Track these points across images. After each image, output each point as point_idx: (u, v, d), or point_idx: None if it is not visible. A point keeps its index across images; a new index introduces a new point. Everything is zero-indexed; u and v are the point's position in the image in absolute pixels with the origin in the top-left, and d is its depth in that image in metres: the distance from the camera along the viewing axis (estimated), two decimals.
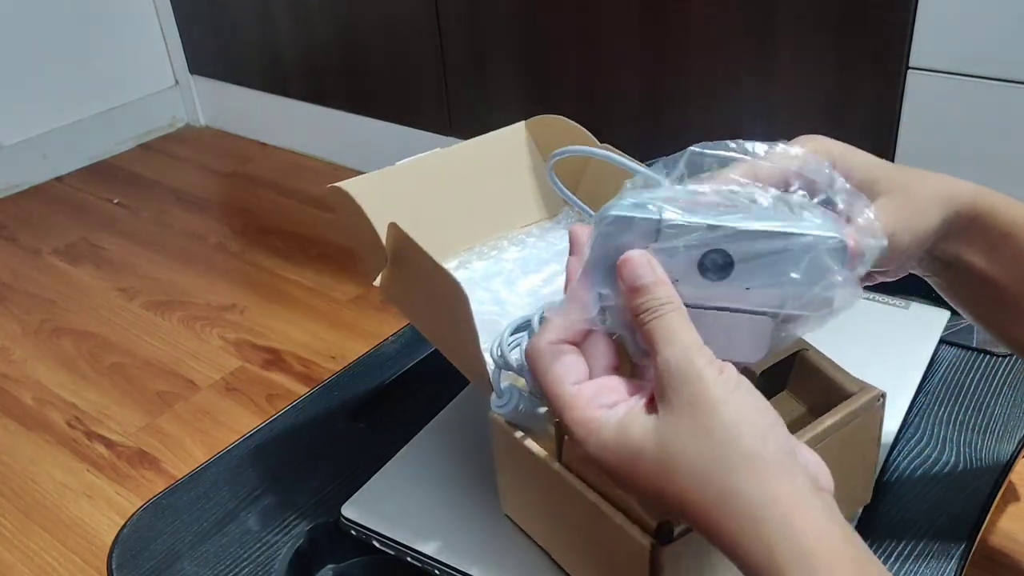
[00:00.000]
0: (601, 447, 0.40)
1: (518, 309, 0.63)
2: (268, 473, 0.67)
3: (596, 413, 0.41)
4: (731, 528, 0.37)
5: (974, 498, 0.60)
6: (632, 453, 0.39)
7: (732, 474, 0.37)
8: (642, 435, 0.39)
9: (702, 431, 0.38)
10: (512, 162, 0.72)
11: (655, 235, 0.42)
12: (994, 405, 0.68)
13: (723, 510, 0.37)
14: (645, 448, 0.39)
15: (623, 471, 0.40)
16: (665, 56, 1.46)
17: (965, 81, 1.17)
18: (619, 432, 0.40)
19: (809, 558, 0.35)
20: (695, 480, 0.38)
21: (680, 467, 0.38)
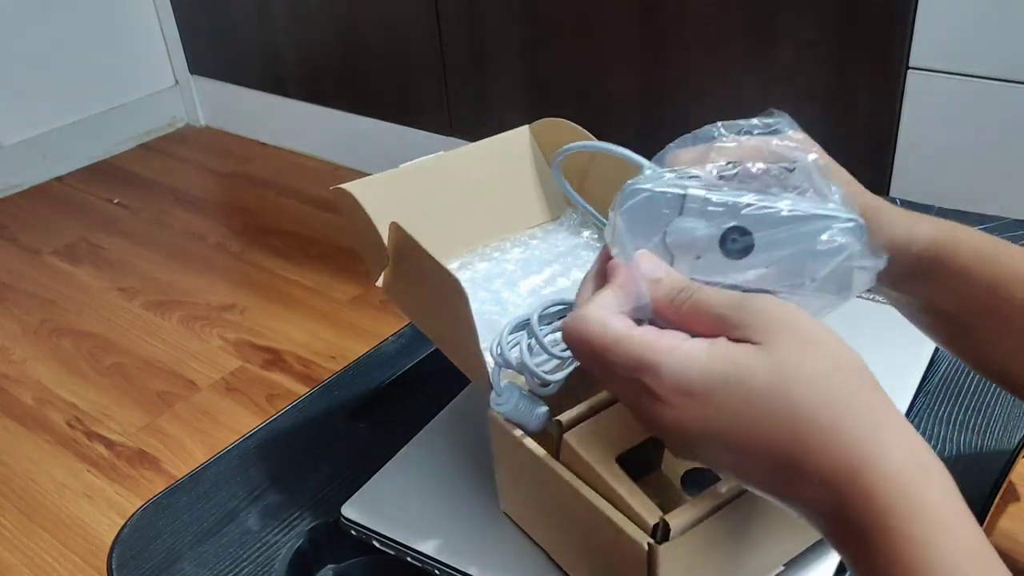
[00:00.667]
0: (700, 369, 0.37)
1: (519, 309, 0.63)
2: (268, 473, 0.67)
3: (674, 340, 0.38)
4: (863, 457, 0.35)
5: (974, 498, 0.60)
6: (737, 371, 0.36)
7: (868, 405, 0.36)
8: (749, 357, 0.36)
9: (831, 359, 0.36)
10: (516, 165, 0.72)
11: (679, 210, 0.42)
12: (994, 405, 0.68)
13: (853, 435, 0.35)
14: (758, 372, 0.36)
15: (723, 391, 0.36)
16: (665, 56, 1.46)
17: (965, 81, 1.17)
18: (717, 355, 0.37)
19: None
20: (817, 401, 0.35)
21: (801, 387, 0.36)
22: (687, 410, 0.37)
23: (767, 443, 0.36)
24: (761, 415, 0.36)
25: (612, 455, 0.48)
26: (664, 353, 0.37)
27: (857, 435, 0.35)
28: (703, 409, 0.37)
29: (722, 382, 0.37)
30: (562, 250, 0.69)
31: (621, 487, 0.47)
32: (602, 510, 0.47)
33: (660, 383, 0.37)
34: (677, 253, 0.43)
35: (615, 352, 0.39)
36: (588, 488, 0.48)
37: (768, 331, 0.37)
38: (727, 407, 0.37)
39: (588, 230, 0.70)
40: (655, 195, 0.43)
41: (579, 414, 0.51)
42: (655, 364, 0.38)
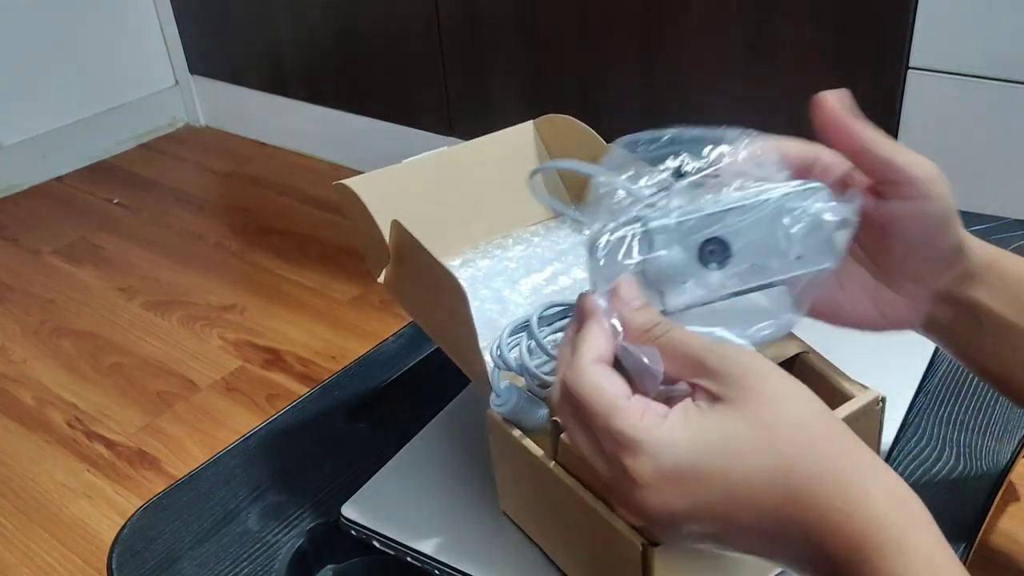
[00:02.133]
0: (682, 446, 0.36)
1: (520, 308, 0.63)
2: (268, 473, 0.67)
3: (654, 420, 0.37)
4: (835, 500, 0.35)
5: (974, 498, 0.60)
6: (720, 437, 0.36)
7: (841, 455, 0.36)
8: (727, 419, 0.37)
9: (794, 402, 0.37)
10: (519, 161, 0.72)
11: (649, 246, 0.42)
12: (994, 405, 0.68)
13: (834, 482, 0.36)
14: (739, 433, 0.36)
15: (708, 463, 0.36)
16: (665, 57, 1.46)
17: (965, 81, 1.17)
18: (694, 426, 0.37)
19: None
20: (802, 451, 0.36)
21: (785, 437, 0.36)
22: (672, 491, 0.37)
23: (759, 500, 0.36)
24: (752, 471, 0.36)
25: None
26: (645, 431, 0.37)
27: (841, 481, 0.36)
28: (691, 484, 0.37)
29: (706, 452, 0.36)
30: (564, 248, 0.69)
31: None
32: (598, 511, 0.47)
33: (641, 468, 0.37)
34: (664, 288, 0.42)
35: (604, 425, 0.38)
36: (585, 489, 0.48)
37: (744, 382, 0.37)
38: (716, 475, 0.36)
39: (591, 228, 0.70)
40: (619, 240, 0.42)
41: None
42: (636, 445, 0.37)
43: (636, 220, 0.42)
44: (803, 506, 0.36)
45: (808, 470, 0.36)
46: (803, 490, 0.36)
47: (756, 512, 0.36)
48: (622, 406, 0.37)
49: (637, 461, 0.37)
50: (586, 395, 0.38)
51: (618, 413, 0.37)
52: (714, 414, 0.37)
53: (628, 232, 0.42)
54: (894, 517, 0.35)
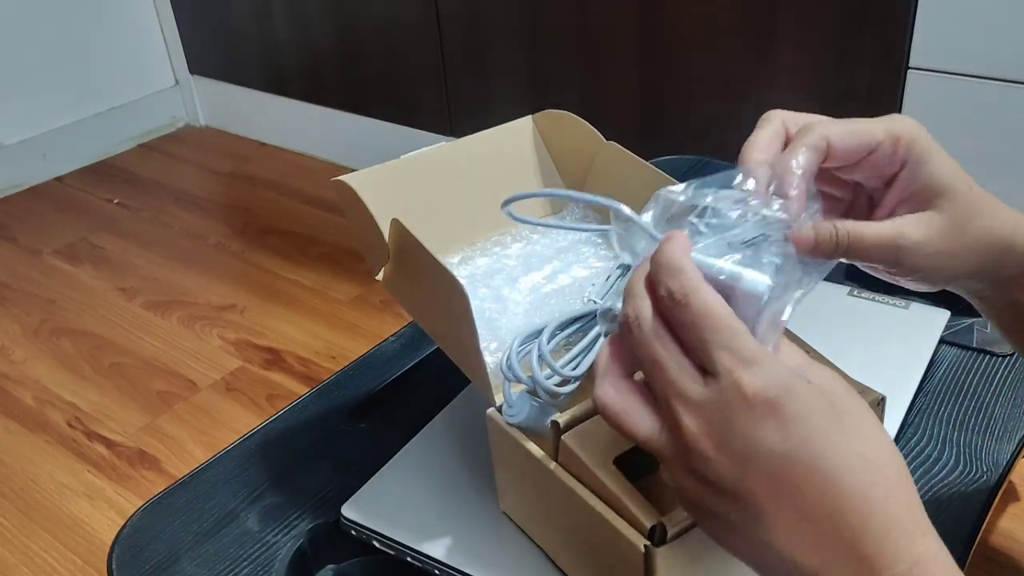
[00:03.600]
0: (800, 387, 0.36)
1: (519, 306, 0.63)
2: (268, 473, 0.67)
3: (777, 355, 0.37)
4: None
5: (974, 498, 0.60)
6: (839, 407, 0.36)
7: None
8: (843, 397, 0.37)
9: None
10: (518, 157, 0.72)
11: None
12: (994, 405, 0.68)
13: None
14: (849, 410, 0.37)
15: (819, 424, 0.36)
16: (665, 58, 1.46)
17: (965, 81, 1.17)
18: (817, 389, 0.37)
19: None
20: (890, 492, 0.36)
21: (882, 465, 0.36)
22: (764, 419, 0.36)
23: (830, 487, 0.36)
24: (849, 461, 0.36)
25: (610, 457, 0.48)
26: (767, 355, 0.37)
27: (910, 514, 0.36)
28: (787, 423, 0.36)
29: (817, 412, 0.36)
30: (563, 246, 0.69)
31: (619, 489, 0.47)
32: (599, 512, 0.47)
33: (752, 380, 0.36)
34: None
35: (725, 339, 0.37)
36: (586, 490, 0.48)
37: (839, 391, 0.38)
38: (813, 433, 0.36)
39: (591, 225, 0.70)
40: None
41: (577, 415, 0.51)
42: (756, 360, 0.36)
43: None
44: (858, 541, 0.35)
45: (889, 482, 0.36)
46: (870, 527, 0.35)
47: (815, 497, 0.35)
48: (743, 328, 0.37)
49: (752, 373, 0.36)
50: (707, 305, 0.37)
51: (741, 332, 0.37)
52: (821, 392, 0.37)
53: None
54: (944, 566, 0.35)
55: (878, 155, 0.48)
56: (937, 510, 0.59)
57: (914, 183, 0.48)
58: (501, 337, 0.60)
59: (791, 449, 0.36)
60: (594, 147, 0.70)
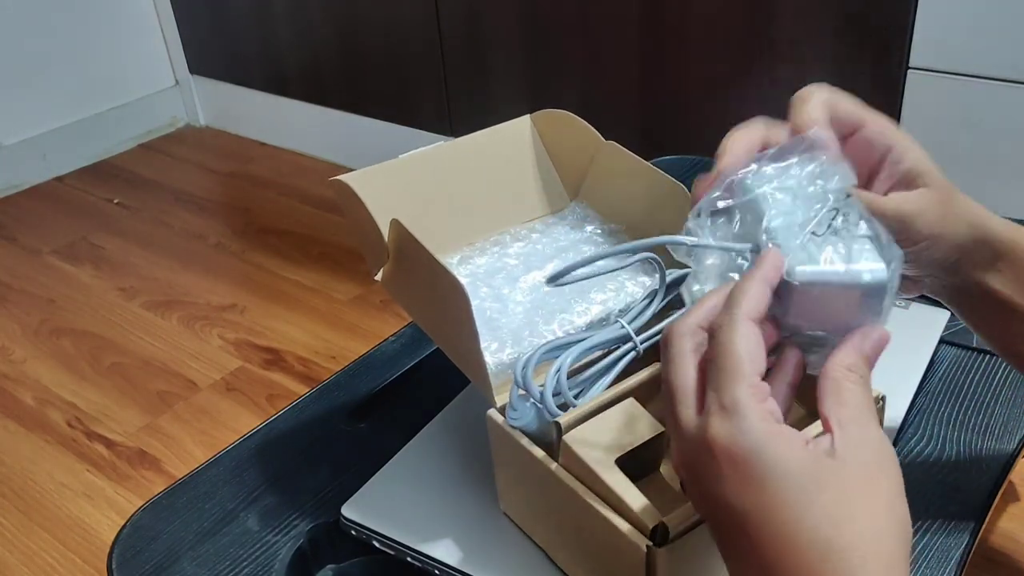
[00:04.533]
0: (772, 457, 0.36)
1: (519, 306, 0.63)
2: (268, 473, 0.67)
3: (771, 413, 0.37)
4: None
5: (974, 498, 0.60)
6: (813, 487, 0.36)
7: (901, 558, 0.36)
8: (827, 475, 0.36)
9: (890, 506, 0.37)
10: (517, 156, 0.72)
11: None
12: (994, 405, 0.68)
13: None
14: (827, 489, 0.36)
15: (779, 493, 0.36)
16: (665, 58, 1.46)
17: (965, 81, 1.17)
18: (801, 459, 0.36)
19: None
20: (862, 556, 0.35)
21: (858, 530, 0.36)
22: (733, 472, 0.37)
23: (786, 556, 0.36)
24: (802, 530, 0.35)
25: (611, 457, 0.48)
26: (755, 412, 0.37)
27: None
28: (746, 483, 0.36)
29: (787, 478, 0.36)
30: (563, 244, 0.69)
31: (620, 489, 0.47)
32: (601, 512, 0.47)
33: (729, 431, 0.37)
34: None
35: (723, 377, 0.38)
36: (587, 490, 0.48)
37: (863, 460, 0.37)
38: (776, 502, 0.36)
39: (591, 224, 0.70)
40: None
41: (578, 416, 0.51)
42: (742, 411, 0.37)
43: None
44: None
45: (847, 568, 0.35)
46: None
47: (774, 552, 0.36)
48: (745, 372, 0.37)
49: (723, 421, 0.37)
50: (725, 343, 0.38)
51: (739, 376, 0.37)
52: (817, 457, 0.37)
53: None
54: None
55: (869, 132, 0.50)
56: (937, 510, 0.59)
57: (900, 166, 0.50)
58: (501, 337, 0.59)
59: (750, 508, 0.36)
60: (593, 147, 0.70)
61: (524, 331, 0.60)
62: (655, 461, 0.54)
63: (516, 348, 0.58)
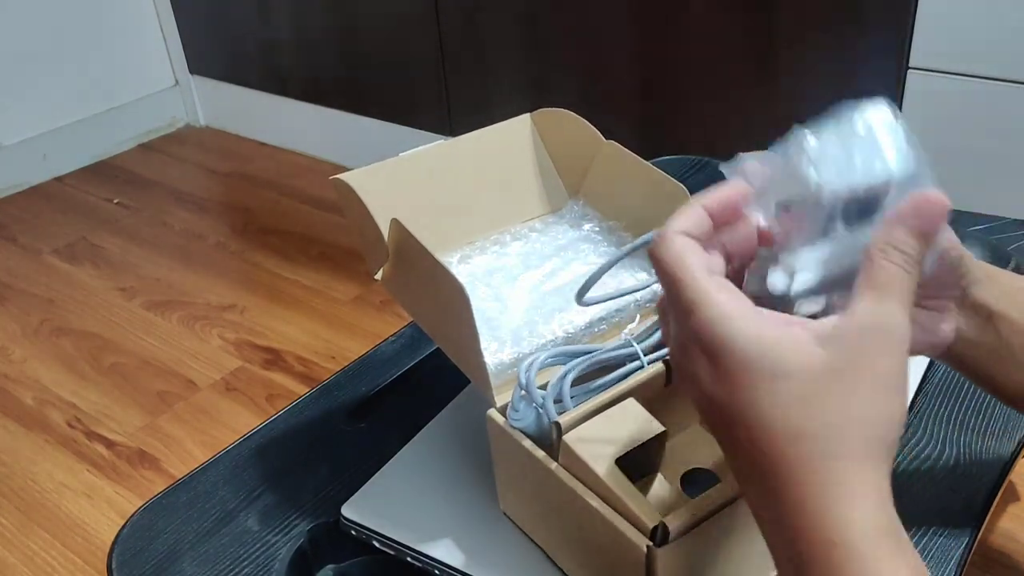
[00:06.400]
0: (735, 345, 0.36)
1: (519, 305, 0.63)
2: (268, 473, 0.67)
3: (730, 300, 0.37)
4: (824, 491, 0.35)
5: (974, 498, 0.60)
6: (777, 372, 0.36)
7: (864, 450, 0.36)
8: (798, 363, 0.36)
9: (868, 402, 0.36)
10: (516, 155, 0.72)
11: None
12: (994, 405, 0.68)
13: (830, 471, 0.35)
14: (794, 375, 0.36)
15: (744, 380, 0.36)
16: (665, 58, 1.46)
17: (965, 81, 1.17)
18: (763, 341, 0.36)
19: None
20: (827, 435, 0.35)
21: (824, 418, 0.36)
22: (708, 366, 0.38)
23: (759, 442, 0.36)
24: (769, 416, 0.36)
25: (611, 457, 0.48)
26: (711, 304, 0.37)
27: (835, 483, 0.36)
28: (720, 374, 0.37)
29: (749, 364, 0.36)
30: (563, 243, 0.69)
31: (620, 489, 0.47)
32: (601, 512, 0.47)
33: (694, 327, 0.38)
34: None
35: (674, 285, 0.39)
36: (587, 490, 0.48)
37: (852, 347, 0.36)
38: (742, 389, 0.36)
39: (590, 223, 0.70)
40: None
41: (578, 416, 0.51)
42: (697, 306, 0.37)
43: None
44: (789, 478, 0.36)
45: (814, 454, 0.36)
46: (798, 464, 0.36)
47: (748, 440, 0.37)
48: (698, 271, 0.38)
49: (687, 324, 0.38)
50: (669, 254, 0.39)
51: (688, 275, 0.38)
52: (795, 341, 0.36)
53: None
54: (867, 547, 0.35)
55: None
56: (937, 510, 0.59)
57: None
58: (501, 337, 0.59)
59: (724, 398, 0.37)
60: (593, 146, 0.70)
61: (524, 331, 0.60)
62: (655, 461, 0.54)
63: (516, 348, 0.58)
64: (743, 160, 0.43)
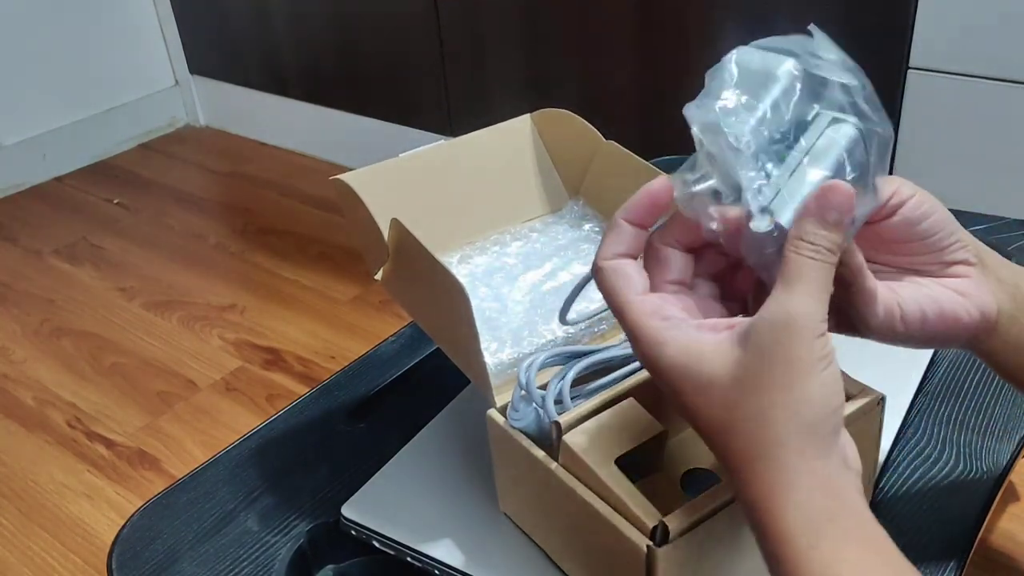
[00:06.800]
0: (666, 364, 0.40)
1: (519, 305, 0.63)
2: (268, 473, 0.67)
3: (657, 323, 0.41)
4: (763, 485, 0.38)
5: (974, 498, 0.60)
6: (702, 380, 0.39)
7: (790, 439, 0.38)
8: (719, 367, 0.39)
9: (784, 389, 0.38)
10: (517, 155, 0.72)
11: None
12: (994, 405, 0.68)
13: (765, 465, 0.38)
14: (716, 379, 0.39)
15: (682, 391, 0.40)
16: (665, 56, 1.46)
17: (965, 81, 1.17)
18: (689, 354, 0.40)
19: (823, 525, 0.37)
20: (753, 430, 0.38)
21: (746, 413, 0.38)
22: (659, 383, 0.42)
23: (711, 438, 0.40)
24: (708, 417, 0.40)
25: (611, 457, 0.48)
26: (644, 331, 0.41)
27: (764, 480, 0.38)
28: (668, 389, 0.41)
29: (683, 378, 0.40)
30: (563, 243, 0.69)
31: (620, 489, 0.47)
32: (601, 512, 0.47)
33: (639, 353, 0.42)
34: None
35: (618, 316, 0.43)
36: (587, 490, 0.48)
37: (765, 347, 0.38)
38: (686, 397, 0.40)
39: (589, 223, 0.70)
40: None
41: (578, 416, 0.51)
42: (643, 350, 0.42)
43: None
44: (733, 468, 0.39)
45: (741, 449, 0.39)
46: (735, 458, 0.39)
47: (706, 437, 0.41)
48: (629, 301, 0.42)
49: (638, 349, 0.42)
50: (605, 293, 0.43)
51: (626, 308, 0.42)
52: (716, 349, 0.39)
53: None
54: (800, 541, 0.37)
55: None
56: (937, 510, 0.59)
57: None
58: (501, 337, 0.60)
59: (690, 407, 0.41)
60: (593, 146, 0.70)
61: (523, 331, 0.60)
62: (655, 461, 0.54)
63: (516, 348, 0.58)
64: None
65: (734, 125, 0.41)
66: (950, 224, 0.47)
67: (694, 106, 0.43)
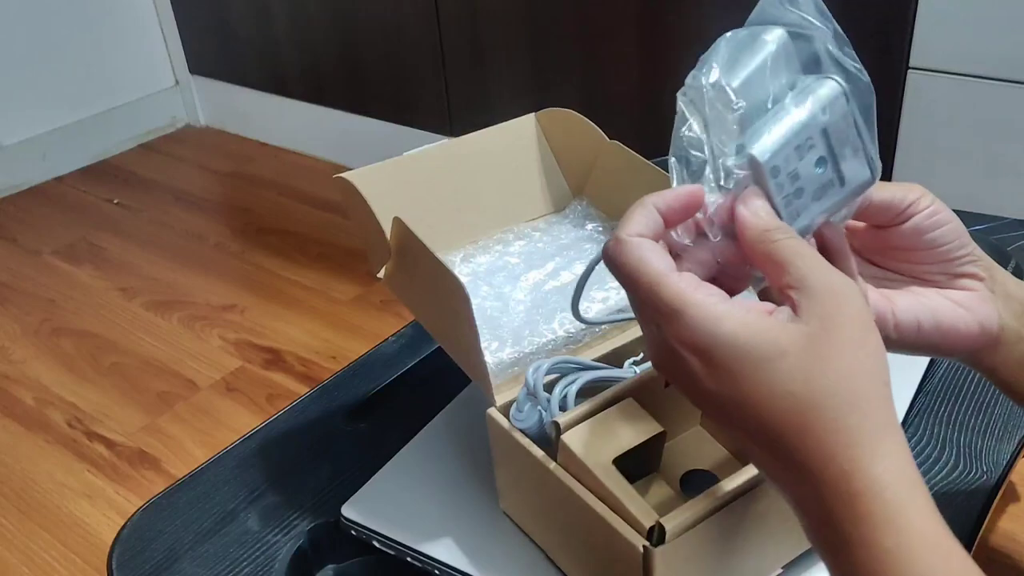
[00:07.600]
0: (725, 340, 0.37)
1: (520, 305, 0.63)
2: (268, 473, 0.67)
3: (709, 298, 0.38)
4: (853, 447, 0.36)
5: (974, 498, 0.60)
6: (773, 352, 0.37)
7: (878, 390, 0.37)
8: (787, 340, 0.37)
9: (860, 345, 0.37)
10: (520, 154, 0.72)
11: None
12: (994, 405, 0.68)
13: (857, 421, 0.36)
14: (791, 350, 0.37)
15: (741, 374, 0.37)
16: (665, 56, 1.46)
17: (965, 81, 1.17)
18: (750, 328, 0.37)
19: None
20: (841, 394, 0.37)
21: (826, 382, 0.37)
22: (702, 366, 0.38)
23: (767, 416, 0.37)
24: (777, 390, 0.37)
25: (610, 457, 0.48)
26: (693, 305, 0.38)
27: (855, 439, 0.36)
28: (717, 371, 0.38)
29: (746, 354, 0.37)
30: (565, 243, 0.69)
31: (618, 489, 0.47)
32: (599, 512, 0.47)
33: (680, 332, 0.38)
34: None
35: (646, 292, 0.39)
36: (585, 490, 0.48)
37: (823, 313, 0.37)
38: (743, 379, 0.37)
39: (593, 222, 0.70)
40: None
41: (577, 416, 0.51)
42: (680, 311, 0.38)
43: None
44: (810, 448, 0.37)
45: (827, 416, 0.36)
46: (814, 433, 0.36)
47: (760, 425, 0.37)
48: (666, 273, 0.39)
49: (677, 326, 0.38)
50: (631, 259, 0.40)
51: (663, 281, 0.39)
52: (777, 327, 0.37)
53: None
54: (893, 493, 0.36)
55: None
56: None
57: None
58: (502, 336, 0.60)
59: (726, 392, 0.38)
60: (597, 146, 0.70)
61: (524, 330, 0.60)
62: (654, 461, 0.54)
63: (516, 347, 0.58)
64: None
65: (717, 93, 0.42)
66: (962, 237, 0.48)
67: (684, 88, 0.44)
